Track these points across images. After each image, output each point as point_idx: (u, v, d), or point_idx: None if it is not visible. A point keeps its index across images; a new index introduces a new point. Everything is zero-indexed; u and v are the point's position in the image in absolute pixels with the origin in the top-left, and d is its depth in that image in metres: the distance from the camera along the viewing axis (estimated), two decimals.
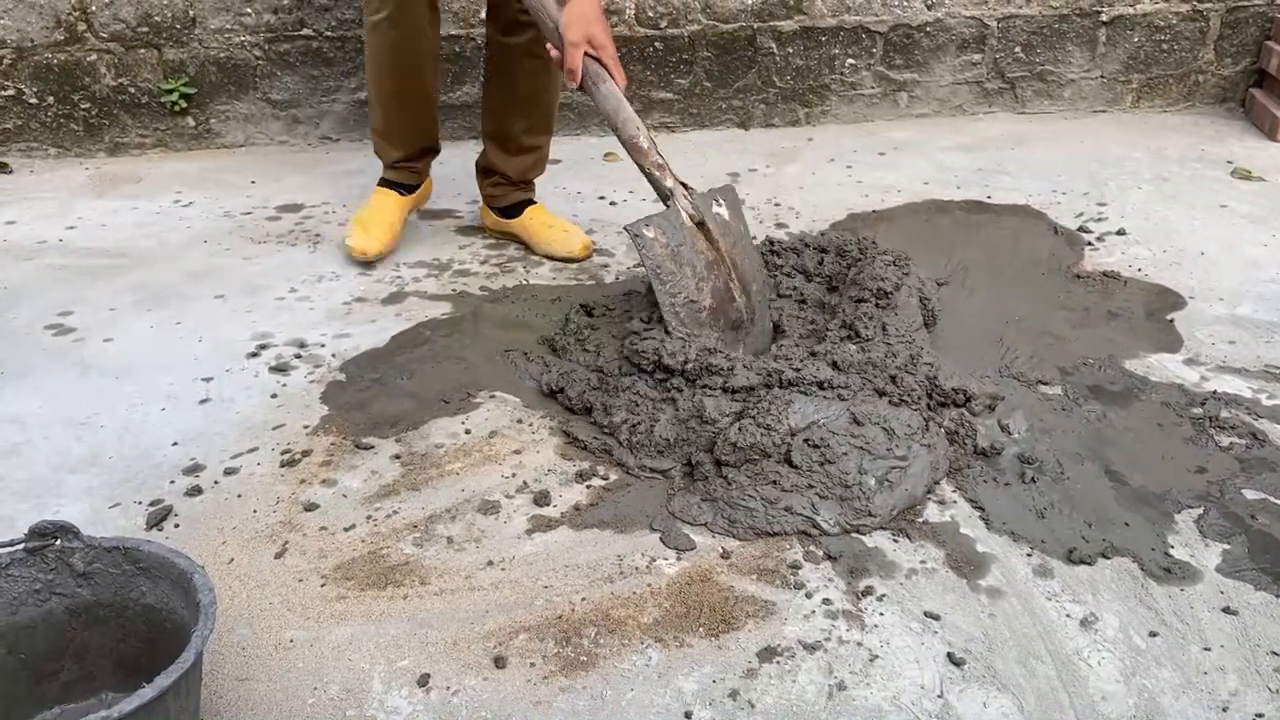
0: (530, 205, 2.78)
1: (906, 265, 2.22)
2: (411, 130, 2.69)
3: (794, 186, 3.16)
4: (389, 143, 2.72)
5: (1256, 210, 2.92)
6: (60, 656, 1.40)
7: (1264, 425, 1.96)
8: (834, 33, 3.57)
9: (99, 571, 1.38)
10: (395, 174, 2.75)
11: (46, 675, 1.39)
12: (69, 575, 1.38)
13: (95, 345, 2.31)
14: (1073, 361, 2.19)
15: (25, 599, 1.37)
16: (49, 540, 1.36)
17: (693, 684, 1.43)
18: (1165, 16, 3.64)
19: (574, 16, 2.13)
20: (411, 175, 2.77)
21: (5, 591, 1.36)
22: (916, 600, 1.57)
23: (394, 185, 2.75)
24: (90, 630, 1.40)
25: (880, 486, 1.73)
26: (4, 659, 1.36)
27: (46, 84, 3.35)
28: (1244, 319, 2.35)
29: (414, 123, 2.69)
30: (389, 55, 2.51)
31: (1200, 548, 1.67)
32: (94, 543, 1.38)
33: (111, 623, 1.40)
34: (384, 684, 1.44)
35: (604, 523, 1.75)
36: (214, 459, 1.92)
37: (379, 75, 2.59)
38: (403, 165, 2.75)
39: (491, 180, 2.78)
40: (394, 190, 2.74)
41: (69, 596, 1.38)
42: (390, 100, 2.62)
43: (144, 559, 1.37)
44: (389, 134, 2.70)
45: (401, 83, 2.57)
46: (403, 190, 2.75)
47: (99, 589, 1.39)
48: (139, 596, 1.39)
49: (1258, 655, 1.46)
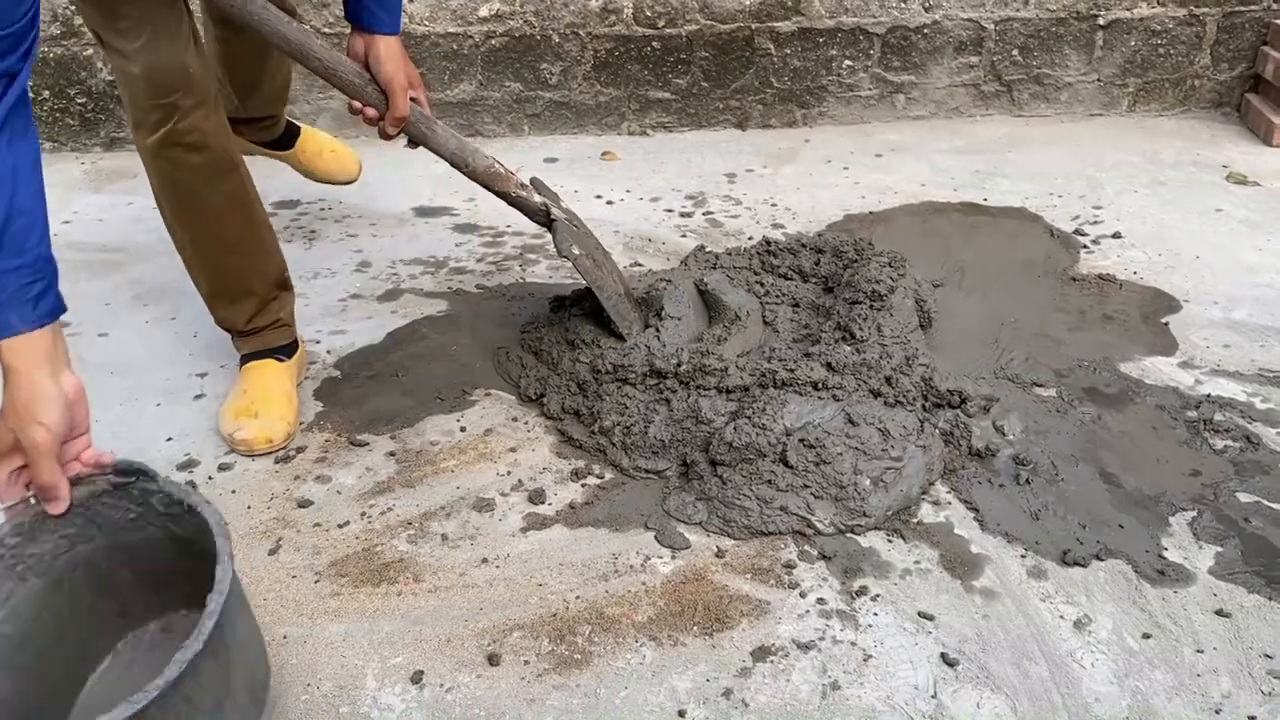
0: (297, 133, 2.68)
1: (902, 266, 2.22)
2: (251, 270, 2.03)
3: (791, 187, 3.17)
4: (229, 300, 2.04)
5: (1251, 215, 2.93)
6: (170, 573, 1.46)
7: (1258, 428, 1.97)
8: (831, 34, 3.57)
9: (179, 514, 1.41)
10: (257, 339, 2.08)
11: (163, 585, 1.48)
12: (155, 513, 1.42)
13: (90, 340, 2.31)
14: (1068, 364, 2.19)
15: (125, 524, 1.43)
16: (131, 479, 1.40)
17: (687, 683, 1.43)
18: (1162, 21, 3.64)
19: (392, 61, 1.82)
20: (284, 333, 2.11)
21: (107, 516, 1.41)
22: (911, 600, 1.57)
23: (264, 354, 2.08)
24: (185, 559, 1.43)
25: (875, 487, 1.73)
26: (120, 571, 1.45)
27: (43, 78, 3.34)
28: (1239, 323, 2.36)
29: (251, 259, 2.02)
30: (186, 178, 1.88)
31: (1194, 550, 1.67)
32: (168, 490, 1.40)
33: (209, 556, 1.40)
34: (377, 681, 1.44)
35: (599, 521, 1.75)
36: (208, 455, 1.92)
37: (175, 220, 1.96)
38: (257, 325, 2.07)
39: (258, 124, 2.54)
40: (270, 359, 2.08)
41: (160, 528, 1.43)
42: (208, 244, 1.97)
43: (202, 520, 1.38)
44: (222, 290, 2.03)
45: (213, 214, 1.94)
46: (280, 355, 2.10)
47: (184, 526, 1.42)
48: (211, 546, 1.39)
49: (1250, 657, 1.47)
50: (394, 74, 1.83)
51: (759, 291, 2.27)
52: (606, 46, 3.51)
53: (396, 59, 1.84)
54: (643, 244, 2.77)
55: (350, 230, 2.86)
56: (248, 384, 2.02)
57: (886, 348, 2.00)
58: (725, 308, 2.13)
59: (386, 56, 1.82)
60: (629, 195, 3.10)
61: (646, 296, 2.15)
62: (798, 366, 1.93)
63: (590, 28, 3.48)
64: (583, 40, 3.50)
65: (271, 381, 2.03)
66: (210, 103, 1.83)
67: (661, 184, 3.19)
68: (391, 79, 1.83)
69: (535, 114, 3.59)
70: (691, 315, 2.13)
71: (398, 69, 1.84)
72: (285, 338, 2.11)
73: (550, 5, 3.43)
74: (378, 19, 1.81)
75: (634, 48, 3.52)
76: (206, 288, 2.03)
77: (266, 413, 1.95)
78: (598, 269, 2.06)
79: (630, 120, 3.64)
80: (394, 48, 1.83)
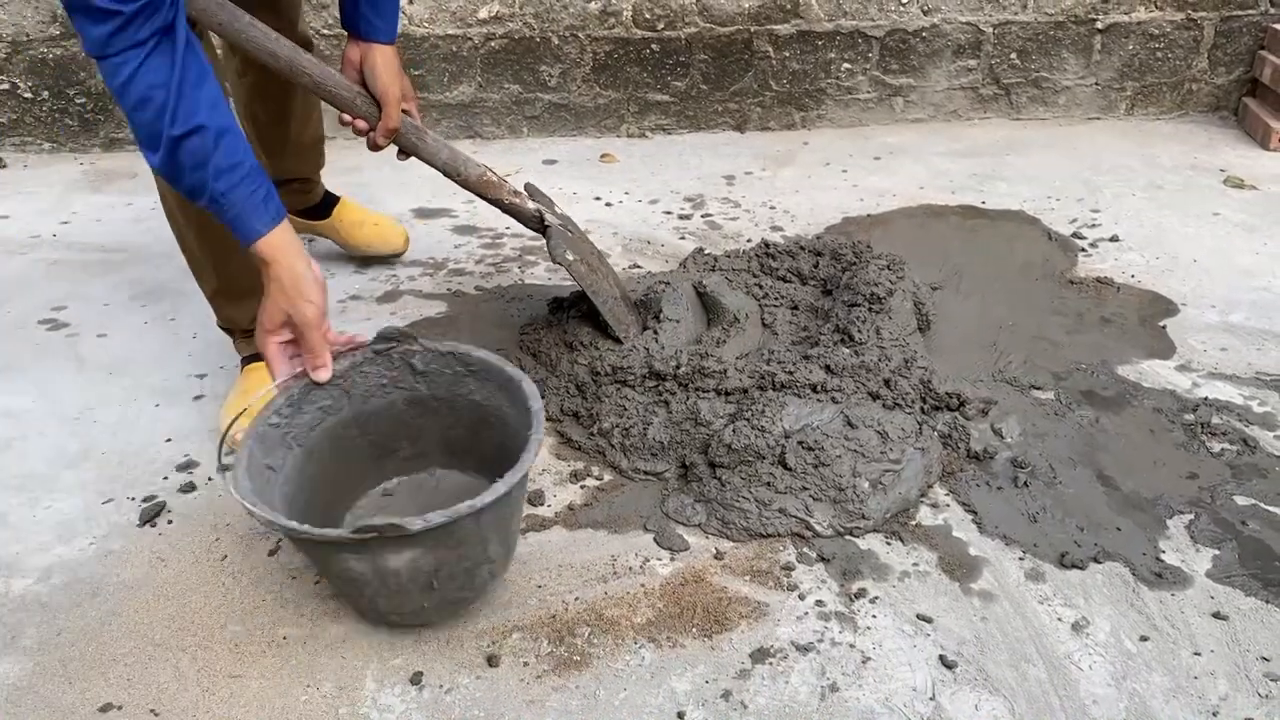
0: (335, 202, 2.56)
1: (901, 269, 2.22)
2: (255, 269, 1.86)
3: (789, 190, 3.17)
4: (234, 299, 2.03)
5: (1249, 219, 2.94)
6: (399, 438, 1.71)
7: (1255, 432, 1.97)
8: (830, 37, 3.58)
9: (434, 371, 1.66)
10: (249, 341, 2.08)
11: (388, 452, 1.71)
12: (409, 373, 1.66)
13: (89, 341, 2.31)
14: (1066, 367, 2.20)
15: (374, 391, 1.66)
16: (393, 344, 1.63)
17: (685, 684, 1.43)
18: (1160, 25, 3.65)
19: (388, 72, 1.82)
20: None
21: (359, 384, 1.64)
22: (909, 603, 1.58)
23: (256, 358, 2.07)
24: (424, 418, 1.70)
25: (874, 489, 1.74)
26: (356, 438, 1.67)
27: (42, 78, 3.34)
28: (1236, 326, 2.36)
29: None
30: None
31: (1191, 553, 1.68)
32: (431, 347, 1.65)
33: (442, 413, 1.69)
34: (377, 681, 1.44)
35: (598, 523, 1.75)
36: (207, 455, 1.92)
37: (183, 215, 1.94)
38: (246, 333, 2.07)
39: (291, 187, 2.45)
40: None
41: (408, 390, 1.67)
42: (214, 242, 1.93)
43: (474, 363, 1.64)
44: (228, 288, 2.02)
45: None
46: None
47: (433, 385, 1.67)
48: (467, 393, 1.67)
49: (1247, 660, 1.47)
50: (389, 85, 1.83)
51: (757, 294, 2.27)
52: (606, 49, 3.52)
53: (392, 70, 1.84)
54: (641, 246, 2.77)
55: None
56: (248, 385, 2.01)
57: (885, 350, 2.00)
58: (724, 310, 2.13)
59: (383, 67, 1.82)
60: (628, 197, 3.11)
61: (645, 299, 2.16)
62: (796, 369, 1.93)
63: (589, 30, 3.48)
64: (582, 43, 3.50)
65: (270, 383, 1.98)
66: None
67: (660, 186, 3.19)
68: (386, 90, 1.83)
69: (534, 116, 3.59)
70: (690, 317, 2.13)
71: (393, 80, 1.83)
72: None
73: (549, 7, 3.44)
74: (374, 28, 1.81)
75: (633, 50, 3.53)
76: (210, 286, 2.02)
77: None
78: (592, 274, 2.06)
79: (629, 122, 3.65)
80: (390, 58, 1.83)
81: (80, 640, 1.51)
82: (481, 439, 1.66)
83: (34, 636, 1.52)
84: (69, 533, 1.72)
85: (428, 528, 1.30)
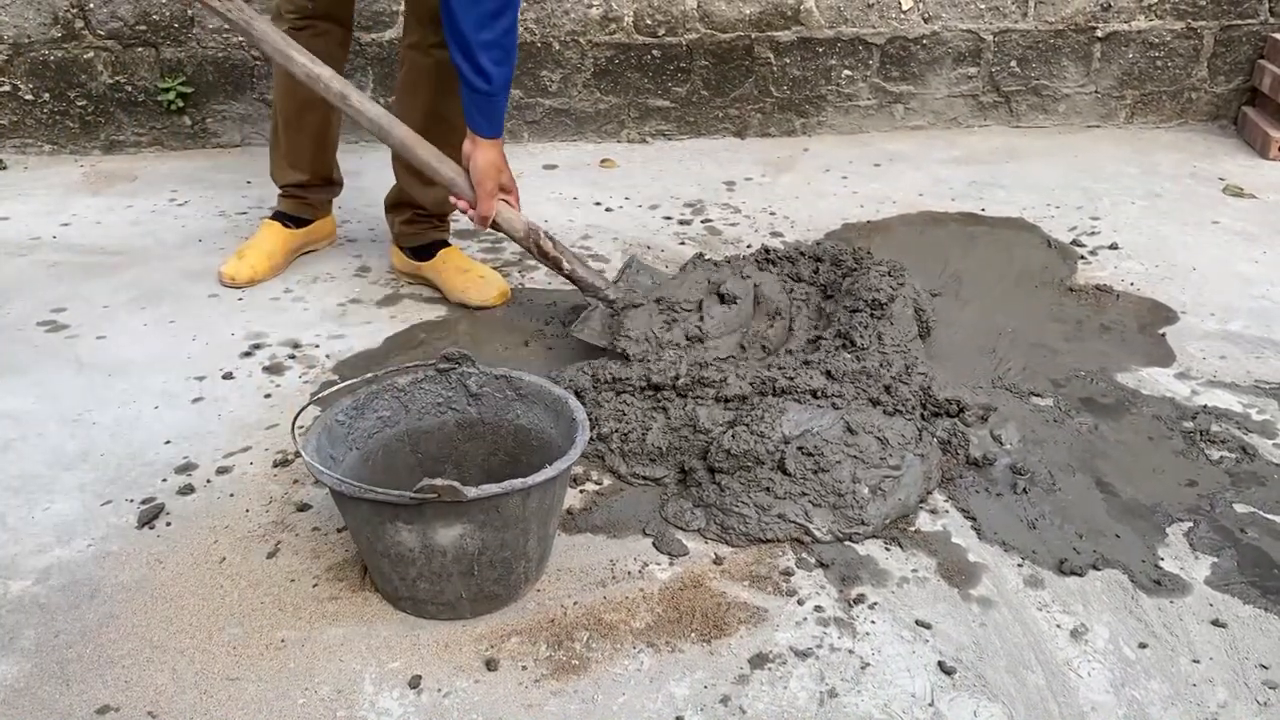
0: (444, 247, 2.56)
1: (902, 275, 2.22)
2: (306, 155, 2.59)
3: (789, 196, 3.17)
4: (285, 163, 2.62)
5: (1248, 227, 2.94)
6: (445, 460, 1.78)
7: (1254, 439, 1.98)
8: (831, 44, 3.59)
9: (487, 394, 1.75)
10: (286, 203, 2.66)
11: (432, 474, 1.71)
12: (464, 394, 1.75)
13: (89, 342, 2.31)
14: (1065, 374, 2.20)
15: (429, 409, 1.75)
16: (454, 365, 1.73)
17: (684, 689, 1.43)
18: (1160, 34, 3.66)
19: (485, 163, 2.10)
20: (303, 207, 2.66)
21: (416, 400, 1.73)
22: (908, 609, 1.58)
23: (282, 217, 2.65)
24: (471, 443, 1.77)
25: (873, 495, 1.74)
26: (407, 454, 1.74)
27: (43, 80, 3.34)
28: (1235, 334, 2.37)
29: (310, 148, 2.58)
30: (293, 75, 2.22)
31: (1190, 560, 1.68)
32: (486, 370, 1.74)
33: (487, 438, 1.77)
34: (375, 685, 1.44)
35: (596, 527, 1.75)
36: (207, 458, 1.92)
37: (282, 92, 2.51)
38: (294, 193, 2.65)
39: (405, 217, 2.53)
40: (279, 222, 2.64)
41: (460, 412, 1.76)
42: (291, 120, 2.53)
43: (524, 386, 1.72)
44: (286, 154, 2.60)
45: (302, 104, 2.46)
46: (289, 222, 2.64)
47: (484, 408, 1.76)
48: (514, 418, 1.75)
49: (1246, 668, 1.47)
50: (484, 176, 2.11)
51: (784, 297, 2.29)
52: (607, 54, 3.52)
53: (490, 162, 2.10)
54: (641, 251, 2.78)
55: (350, 235, 2.86)
56: (258, 234, 2.62)
57: (886, 356, 2.01)
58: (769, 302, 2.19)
59: (481, 159, 2.10)
60: (628, 202, 3.11)
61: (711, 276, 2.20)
62: (797, 374, 1.93)
63: (590, 35, 3.49)
64: (583, 48, 3.51)
65: (266, 237, 2.61)
66: None
67: (660, 191, 3.20)
68: (481, 180, 2.11)
69: (535, 121, 3.60)
70: (746, 304, 2.18)
71: (488, 172, 2.11)
72: (298, 210, 2.64)
73: (551, 13, 3.44)
74: (476, 124, 2.08)
75: (634, 56, 3.54)
76: (280, 151, 2.59)
77: (245, 258, 2.55)
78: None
79: (630, 128, 3.65)
80: (489, 152, 2.10)
81: (78, 642, 1.50)
82: (520, 465, 1.70)
83: (32, 638, 1.51)
84: (67, 534, 1.72)
85: (482, 496, 1.41)
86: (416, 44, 2.36)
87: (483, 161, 2.10)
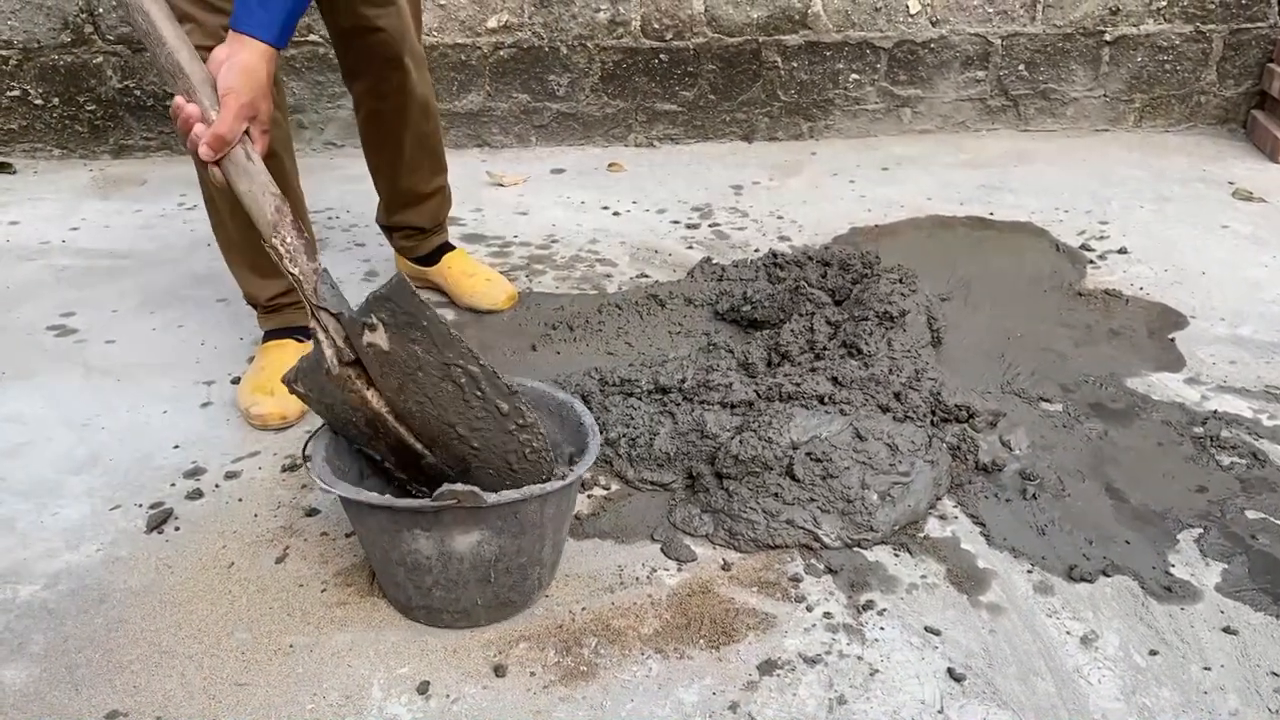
0: (448, 251, 2.51)
1: (914, 283, 2.22)
2: None
3: (797, 200, 3.17)
4: (255, 275, 2.10)
5: (1258, 231, 2.93)
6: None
7: (1265, 445, 1.97)
8: (838, 48, 3.58)
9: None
10: (279, 317, 2.17)
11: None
12: None
13: (97, 347, 2.31)
14: (1074, 379, 2.19)
15: None
16: None
17: (693, 695, 1.43)
18: (1168, 37, 3.65)
19: (244, 74, 1.50)
20: (298, 312, 2.15)
21: None
22: (917, 615, 1.57)
23: (284, 333, 2.17)
24: None
25: (882, 501, 1.73)
26: None
27: (52, 85, 3.35)
28: (1245, 339, 2.36)
29: None
30: None
31: (1201, 567, 1.67)
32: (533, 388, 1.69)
33: None
34: (383, 691, 1.44)
35: (604, 533, 1.75)
36: (215, 463, 1.92)
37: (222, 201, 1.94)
38: (282, 302, 2.15)
39: (401, 233, 2.48)
40: (289, 339, 2.15)
41: None
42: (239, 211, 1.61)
43: (528, 394, 1.64)
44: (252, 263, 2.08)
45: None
46: (300, 336, 2.16)
47: None
48: None
49: (1258, 675, 1.46)
50: (239, 85, 1.49)
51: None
52: (614, 58, 3.53)
53: (249, 69, 1.51)
54: (649, 255, 2.77)
55: (357, 239, 2.87)
56: (266, 361, 2.10)
57: (896, 362, 2.00)
58: None
59: (240, 61, 1.51)
60: (635, 206, 3.11)
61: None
62: (804, 380, 1.93)
63: (598, 39, 3.49)
64: (590, 52, 3.51)
65: (289, 361, 1.84)
66: None
67: (668, 195, 3.20)
68: (234, 90, 1.49)
69: (542, 125, 3.60)
70: None
71: (245, 82, 1.50)
72: (295, 319, 2.17)
73: (558, 17, 3.45)
74: (249, 11, 1.53)
75: (641, 60, 3.54)
76: (241, 259, 2.09)
77: (282, 390, 1.76)
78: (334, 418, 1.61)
79: (637, 132, 3.65)
80: (252, 58, 1.52)
81: (87, 647, 1.51)
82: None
83: (41, 643, 1.51)
84: (76, 539, 1.72)
85: (502, 502, 1.41)
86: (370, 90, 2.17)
87: (240, 65, 1.50)
